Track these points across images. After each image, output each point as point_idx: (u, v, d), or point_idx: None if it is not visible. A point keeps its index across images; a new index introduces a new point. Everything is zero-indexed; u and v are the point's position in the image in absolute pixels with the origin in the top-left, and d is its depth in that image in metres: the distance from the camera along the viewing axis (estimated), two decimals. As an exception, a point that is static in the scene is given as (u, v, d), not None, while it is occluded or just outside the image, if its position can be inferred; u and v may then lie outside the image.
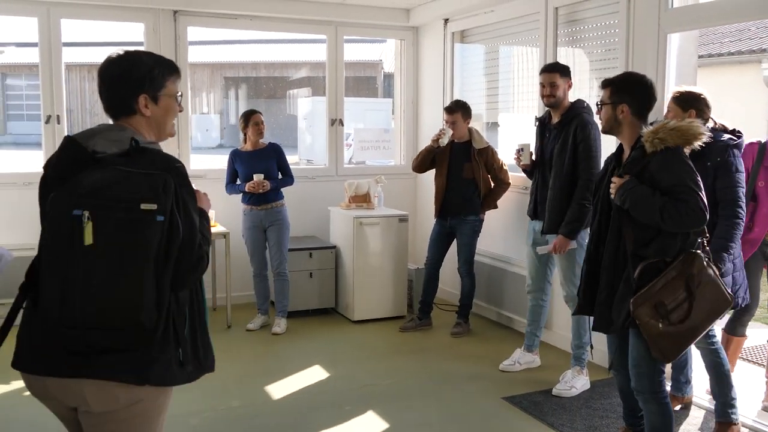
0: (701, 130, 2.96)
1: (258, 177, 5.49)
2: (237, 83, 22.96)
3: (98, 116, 21.17)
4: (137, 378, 1.92)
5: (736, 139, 3.63)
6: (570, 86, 4.53)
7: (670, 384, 4.11)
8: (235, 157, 5.71)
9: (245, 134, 5.69)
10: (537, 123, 4.79)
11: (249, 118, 5.62)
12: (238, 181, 5.69)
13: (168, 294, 1.91)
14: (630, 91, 3.10)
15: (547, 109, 4.63)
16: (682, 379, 4.13)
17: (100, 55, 2.20)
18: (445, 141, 5.47)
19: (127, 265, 1.83)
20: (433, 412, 4.22)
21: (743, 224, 3.57)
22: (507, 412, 4.20)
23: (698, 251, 2.97)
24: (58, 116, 5.75)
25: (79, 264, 1.82)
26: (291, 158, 5.86)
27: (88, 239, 1.80)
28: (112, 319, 1.84)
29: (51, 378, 1.93)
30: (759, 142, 3.98)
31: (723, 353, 3.81)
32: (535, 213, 4.65)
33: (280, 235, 5.69)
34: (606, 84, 3.17)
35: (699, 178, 2.93)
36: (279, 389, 4.55)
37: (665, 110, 3.81)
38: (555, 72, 4.47)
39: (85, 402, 1.93)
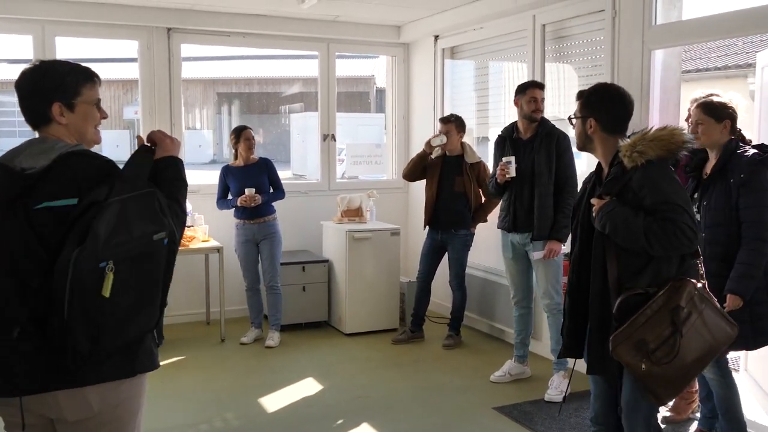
0: (685, 138, 2.66)
1: (250, 191, 5.56)
2: (230, 99, 23.05)
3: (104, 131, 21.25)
4: (129, 371, 2.00)
5: (762, 154, 3.33)
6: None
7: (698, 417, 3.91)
8: (227, 172, 5.78)
9: (236, 150, 5.77)
10: (499, 139, 4.92)
11: (240, 134, 5.71)
12: (230, 196, 5.75)
13: (167, 292, 2.02)
14: (597, 105, 2.80)
15: (508, 125, 4.89)
16: (708, 414, 3.79)
17: (102, 72, 2.24)
18: (437, 142, 5.55)
19: (146, 293, 1.93)
20: (425, 423, 4.27)
21: None
22: (498, 422, 4.26)
23: (687, 278, 2.60)
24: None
25: (106, 308, 1.83)
26: (283, 173, 5.93)
27: (107, 291, 1.81)
28: (134, 338, 1.96)
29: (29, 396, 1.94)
30: None
31: (735, 389, 3.50)
32: (514, 225, 4.74)
33: (273, 248, 5.75)
34: (578, 97, 2.92)
35: (687, 194, 2.68)
36: (273, 402, 4.59)
37: (649, 122, 3.85)
38: (543, 88, 4.76)
39: (61, 412, 1.95)
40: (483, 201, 5.70)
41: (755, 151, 3.35)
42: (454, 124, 5.64)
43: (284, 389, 4.80)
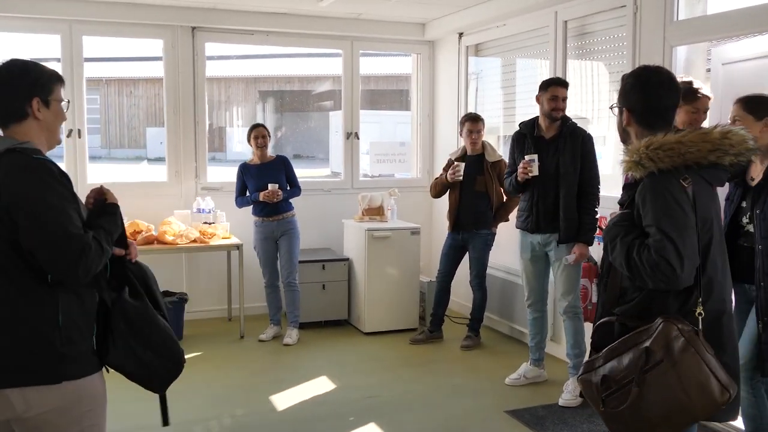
0: (709, 146, 2.20)
1: (273, 186, 5.59)
2: (271, 96, 23.25)
3: (135, 129, 21.70)
4: (52, 378, 2.02)
5: None
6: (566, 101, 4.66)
7: None
8: (245, 170, 5.82)
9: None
10: (518, 136, 4.82)
11: (251, 132, 5.75)
12: (248, 194, 5.79)
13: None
14: (631, 92, 2.37)
15: (521, 122, 4.78)
16: None
17: (137, 70, 2.26)
18: (460, 177, 5.51)
19: None
20: (433, 425, 4.22)
21: None
22: (509, 426, 4.19)
23: (675, 319, 2.17)
24: (79, 130, 5.92)
25: None
26: (322, 170, 5.97)
27: None
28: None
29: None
30: None
31: (766, 410, 3.19)
32: (537, 226, 4.64)
33: (291, 245, 5.77)
34: (621, 81, 2.48)
35: (688, 219, 2.17)
36: (284, 399, 4.60)
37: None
38: (566, 86, 4.64)
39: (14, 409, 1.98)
40: (505, 200, 5.62)
41: None
42: (482, 122, 5.59)
43: (297, 387, 4.81)
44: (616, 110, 2.46)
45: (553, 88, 4.58)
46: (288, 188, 5.78)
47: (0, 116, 2.08)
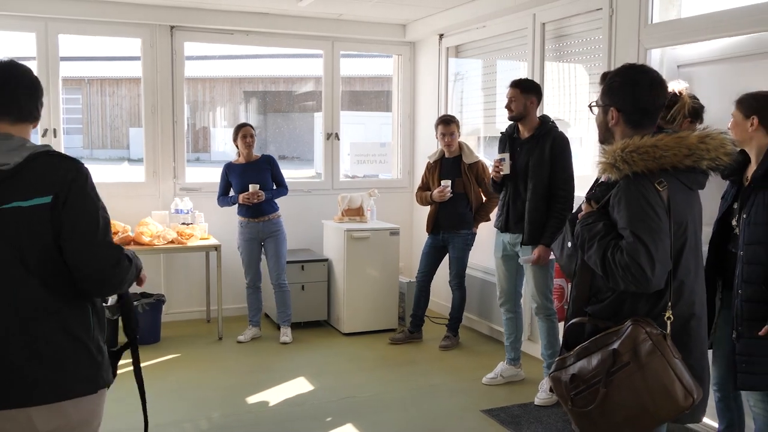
0: (685, 151, 2.20)
1: (254, 187, 5.57)
2: (255, 97, 23.16)
3: (118, 129, 21.55)
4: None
5: None
6: (533, 103, 4.55)
7: None
8: (229, 169, 5.79)
9: (238, 147, 5.78)
10: (502, 137, 4.81)
11: (238, 131, 5.71)
12: (231, 193, 5.76)
13: None
14: (620, 91, 2.34)
15: (511, 123, 4.70)
16: None
17: (119, 70, 2.23)
18: (447, 197, 5.51)
19: None
20: (409, 425, 4.23)
21: None
22: (484, 425, 4.20)
23: (644, 322, 2.19)
24: (54, 130, 5.87)
25: None
26: (307, 172, 5.96)
27: None
28: None
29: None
30: None
31: None
32: (506, 225, 4.66)
33: (278, 246, 5.75)
34: (601, 79, 2.49)
35: (661, 224, 2.17)
36: (262, 400, 4.58)
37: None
38: (516, 87, 4.56)
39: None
40: (484, 200, 5.64)
41: None
42: (455, 124, 5.59)
43: (275, 388, 4.79)
44: (595, 109, 2.44)
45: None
46: (274, 188, 5.77)
47: (18, 115, 2.00)
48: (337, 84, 6.84)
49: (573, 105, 5.19)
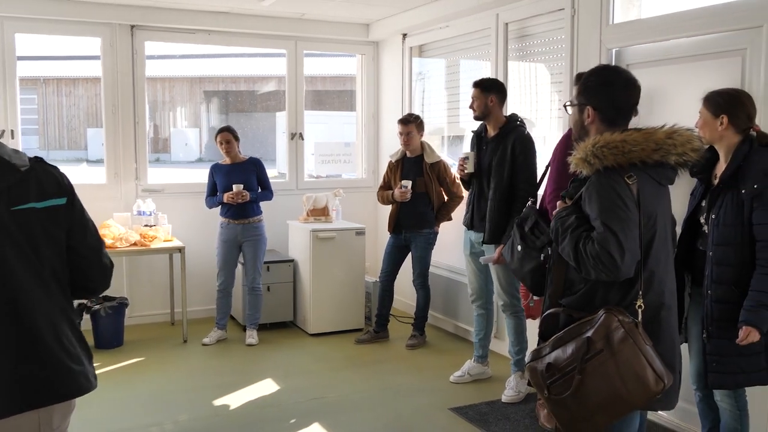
0: (653, 146, 2.28)
1: (237, 187, 5.54)
2: (216, 97, 22.93)
3: (75, 130, 21.14)
4: None
5: None
6: (494, 102, 4.54)
7: None
8: (215, 170, 5.76)
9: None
10: (473, 135, 4.83)
11: (216, 136, 5.70)
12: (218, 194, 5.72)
13: None
14: (597, 91, 2.43)
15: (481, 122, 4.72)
16: None
17: (76, 70, 2.19)
18: (407, 198, 5.52)
19: None
20: (377, 425, 4.23)
21: None
22: (452, 423, 4.22)
23: (616, 310, 2.27)
24: (12, 131, 5.73)
25: None
26: (269, 172, 5.93)
27: None
28: None
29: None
30: None
31: (747, 424, 3.08)
32: (471, 223, 4.70)
33: (257, 250, 5.73)
34: (576, 80, 2.55)
35: (630, 214, 2.25)
36: (228, 403, 4.54)
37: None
38: (477, 87, 4.59)
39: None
40: (446, 200, 5.66)
41: None
42: (414, 124, 5.60)
43: (241, 390, 4.75)
44: (570, 108, 2.52)
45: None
46: (259, 190, 5.74)
47: None
48: (301, 84, 6.81)
49: (536, 104, 5.25)
